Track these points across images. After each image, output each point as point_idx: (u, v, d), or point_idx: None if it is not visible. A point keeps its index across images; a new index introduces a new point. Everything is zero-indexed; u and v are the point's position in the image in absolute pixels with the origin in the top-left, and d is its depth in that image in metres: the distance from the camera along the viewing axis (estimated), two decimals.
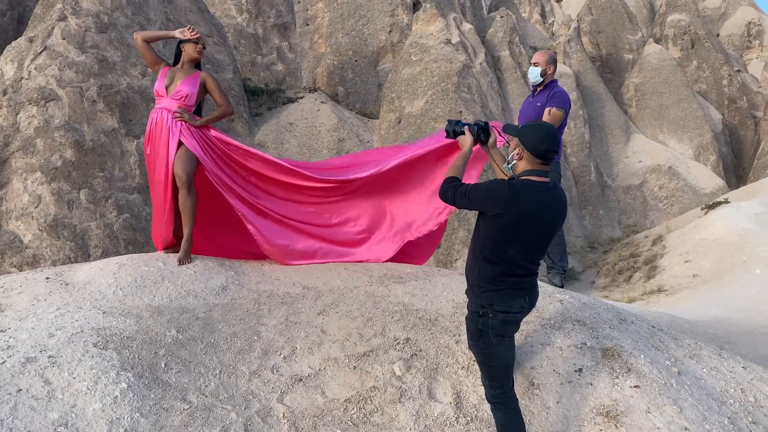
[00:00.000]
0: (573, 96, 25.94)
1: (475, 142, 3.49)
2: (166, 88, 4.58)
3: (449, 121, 3.61)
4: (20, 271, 14.26)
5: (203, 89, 4.71)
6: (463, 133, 3.50)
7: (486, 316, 3.03)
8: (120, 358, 3.37)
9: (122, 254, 15.03)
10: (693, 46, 32.28)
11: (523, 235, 2.96)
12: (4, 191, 14.84)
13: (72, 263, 14.48)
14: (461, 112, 20.39)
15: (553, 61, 5.07)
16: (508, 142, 3.34)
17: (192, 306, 4.06)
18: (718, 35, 38.12)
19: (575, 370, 3.69)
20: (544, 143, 2.93)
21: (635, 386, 3.60)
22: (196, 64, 4.78)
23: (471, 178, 4.41)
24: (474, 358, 3.62)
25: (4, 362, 3.22)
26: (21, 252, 14.41)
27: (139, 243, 15.36)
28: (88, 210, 14.99)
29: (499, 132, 3.56)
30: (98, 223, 15.01)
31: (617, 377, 3.67)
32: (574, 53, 28.53)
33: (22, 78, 15.48)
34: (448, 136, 3.61)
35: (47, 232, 14.48)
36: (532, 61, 5.05)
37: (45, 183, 14.75)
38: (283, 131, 20.40)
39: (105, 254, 14.80)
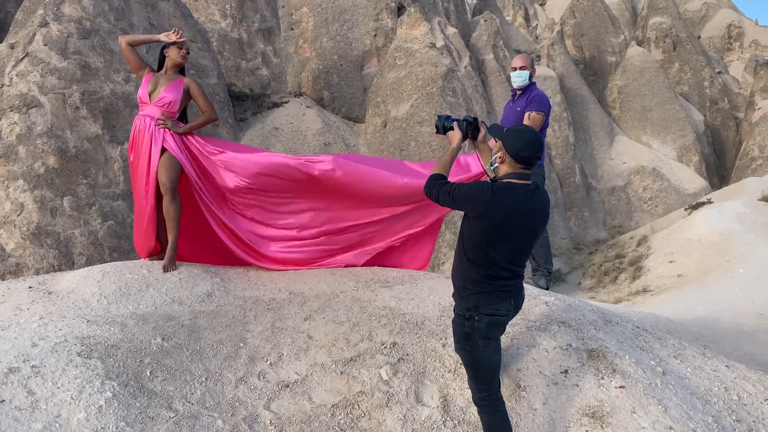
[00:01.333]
0: (557, 98, 26.14)
1: (464, 138, 3.51)
2: (150, 94, 4.56)
3: (439, 117, 3.63)
4: (3, 280, 14.09)
5: (187, 95, 4.69)
6: (452, 128, 3.51)
7: (472, 319, 3.04)
8: (105, 367, 3.35)
9: (107, 261, 14.90)
10: (675, 49, 32.65)
11: (505, 237, 2.98)
12: None
13: (56, 271, 14.32)
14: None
15: (534, 64, 5.16)
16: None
17: (177, 313, 4.03)
18: (699, 37, 38.60)
19: (561, 372, 3.71)
20: (526, 149, 2.96)
21: (620, 387, 3.63)
22: (180, 70, 4.76)
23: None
24: (461, 361, 3.64)
25: None
26: (3, 261, 14.23)
27: (124, 250, 15.23)
28: (71, 217, 14.85)
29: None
30: (82, 231, 14.88)
31: (602, 378, 3.69)
32: (558, 56, 28.75)
33: (3, 85, 15.32)
34: (438, 132, 3.62)
35: (30, 240, 14.32)
36: (517, 65, 5.08)
37: (28, 191, 14.59)
38: (269, 136, 20.35)
39: (89, 262, 14.66)
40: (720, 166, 30.83)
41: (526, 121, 4.86)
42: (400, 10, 24.59)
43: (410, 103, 20.89)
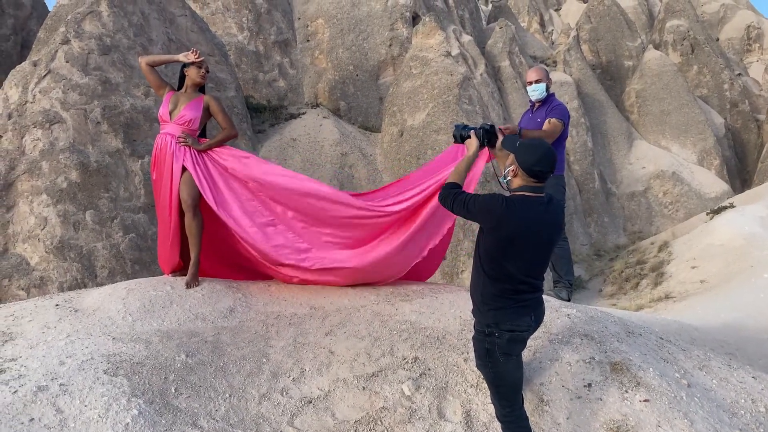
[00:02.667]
0: (574, 104, 26.01)
1: (482, 146, 3.51)
2: (170, 113, 4.63)
3: (456, 126, 3.65)
4: (27, 293, 14.32)
5: (207, 113, 4.76)
6: (469, 136, 3.52)
7: (492, 335, 3.03)
8: (130, 385, 3.39)
9: (129, 274, 15.08)
10: (693, 51, 32.34)
11: (520, 249, 2.98)
12: (10, 214, 14.93)
13: (79, 284, 14.54)
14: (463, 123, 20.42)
15: (549, 75, 5.15)
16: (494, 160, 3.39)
17: (201, 329, 4.08)
18: (717, 39, 38.21)
19: (584, 386, 3.69)
20: (538, 164, 2.96)
21: (645, 400, 3.60)
22: (200, 88, 4.83)
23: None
24: (483, 376, 3.63)
25: (16, 391, 3.23)
26: (28, 275, 14.46)
27: (146, 262, 15.41)
28: (94, 231, 15.06)
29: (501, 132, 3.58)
30: (104, 244, 15.08)
31: (626, 391, 3.66)
32: (574, 61, 28.63)
33: (26, 102, 15.62)
34: (456, 141, 3.64)
35: (54, 254, 14.54)
36: (533, 79, 5.06)
37: (51, 205, 14.83)
38: (287, 147, 20.49)
39: (111, 275, 14.85)
40: (741, 169, 30.42)
41: (546, 126, 4.84)
42: (414, 19, 24.68)
43: (426, 111, 20.92)
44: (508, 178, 3.08)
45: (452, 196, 3.14)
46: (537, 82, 5.03)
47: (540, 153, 2.97)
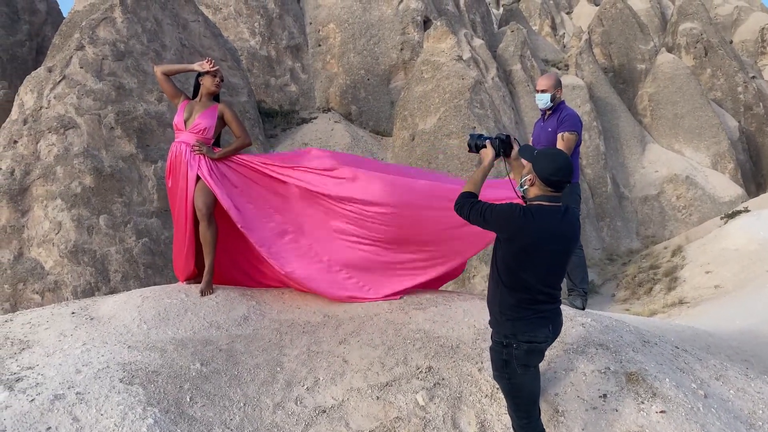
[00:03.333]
0: (586, 107, 25.91)
1: (497, 156, 3.50)
2: (185, 121, 4.65)
3: (471, 135, 3.61)
4: (42, 297, 14.45)
5: (221, 121, 4.78)
6: (485, 146, 3.50)
7: (510, 346, 3.02)
8: (146, 393, 3.41)
9: (142, 278, 15.17)
10: (706, 54, 32.12)
11: (537, 259, 2.97)
12: (25, 219, 15.08)
13: (93, 288, 14.65)
14: (474, 127, 20.42)
15: (559, 84, 5.08)
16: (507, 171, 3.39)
17: (215, 338, 4.09)
18: (731, 42, 37.91)
19: (600, 396, 3.66)
20: (556, 174, 2.94)
21: (661, 411, 3.57)
22: (215, 96, 4.86)
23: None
24: (497, 386, 3.62)
25: (33, 400, 3.26)
26: (43, 279, 14.59)
27: (158, 266, 15.51)
28: (107, 235, 15.18)
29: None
30: (118, 248, 15.19)
31: (643, 402, 3.63)
32: (586, 65, 28.52)
33: (41, 107, 15.79)
34: (470, 150, 3.62)
35: (68, 258, 14.67)
36: (539, 87, 5.05)
37: (65, 210, 14.97)
38: None
39: (125, 279, 14.95)
40: (756, 173, 30.14)
41: (559, 143, 4.82)
42: (426, 23, 24.70)
43: (438, 116, 20.92)
44: (525, 187, 3.08)
45: (468, 205, 3.13)
46: (542, 91, 5.01)
47: (558, 163, 2.96)
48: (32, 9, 22.03)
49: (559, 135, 4.86)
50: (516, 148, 3.53)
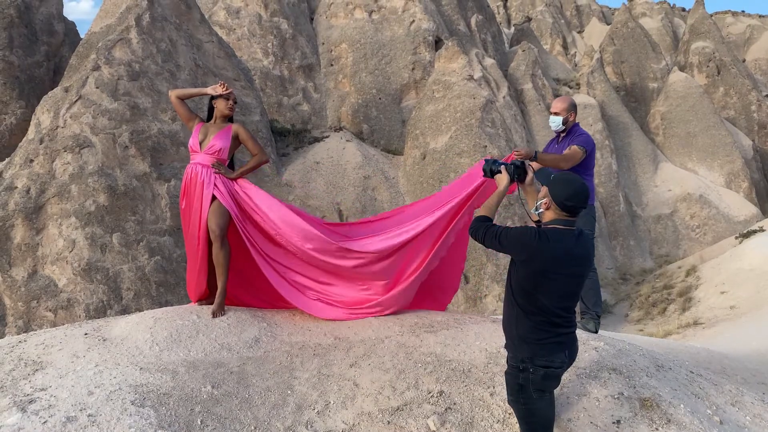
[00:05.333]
0: (598, 126, 25.88)
1: (511, 181, 3.51)
2: (200, 143, 4.70)
3: (486, 161, 3.64)
4: (55, 315, 14.54)
5: (236, 141, 4.82)
6: (500, 172, 3.52)
7: (526, 370, 3.00)
8: (157, 416, 3.41)
9: (153, 296, 15.24)
10: (719, 73, 32.06)
11: (552, 282, 2.96)
12: (40, 237, 15.24)
13: (105, 306, 14.73)
14: (486, 146, 20.46)
15: (573, 107, 5.09)
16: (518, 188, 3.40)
17: (226, 360, 4.09)
18: (744, 61, 37.83)
19: (613, 422, 3.62)
20: (572, 199, 2.95)
21: None
22: (229, 118, 4.91)
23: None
24: (509, 411, 3.59)
25: (45, 422, 3.27)
26: (56, 296, 14.70)
27: (170, 285, 15.58)
28: (120, 253, 15.29)
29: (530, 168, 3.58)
30: (130, 266, 15.28)
31: (657, 429, 3.58)
32: (598, 83, 28.54)
33: (57, 126, 16.02)
34: (485, 176, 3.64)
35: (81, 276, 14.78)
36: (553, 110, 5.08)
37: (79, 228, 15.11)
38: (310, 170, 20.66)
39: (137, 297, 15.02)
40: None
41: (565, 151, 4.82)
42: (437, 43, 24.88)
43: (449, 135, 20.98)
44: (541, 210, 3.08)
45: (483, 229, 3.13)
46: (555, 114, 5.04)
47: (574, 188, 2.97)
48: (50, 30, 22.45)
49: (569, 146, 4.86)
50: (530, 174, 3.55)
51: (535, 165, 4.57)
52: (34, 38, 21.45)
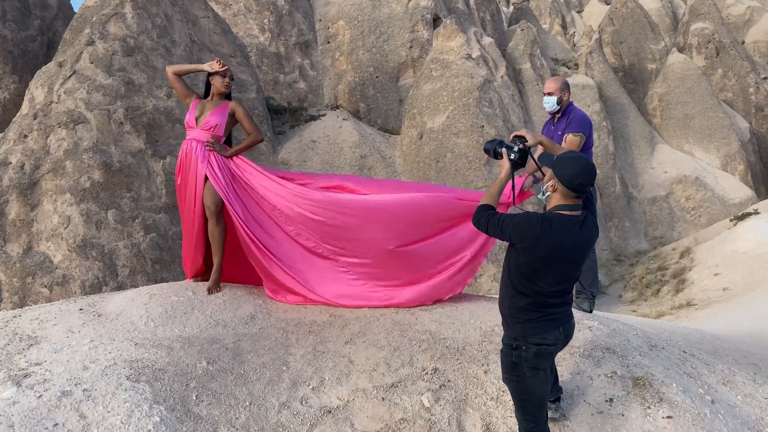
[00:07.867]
0: (596, 107, 25.78)
1: (514, 167, 3.45)
2: (197, 119, 4.67)
3: (490, 141, 3.50)
4: (50, 291, 14.54)
5: (232, 119, 4.78)
6: (502, 156, 3.43)
7: (519, 348, 3.01)
8: (152, 391, 3.42)
9: (149, 273, 15.23)
10: (718, 55, 31.89)
11: (552, 268, 2.95)
12: (34, 213, 15.17)
13: (100, 283, 14.73)
14: (483, 126, 20.37)
15: (567, 86, 5.05)
16: (530, 183, 3.34)
17: (221, 336, 4.10)
18: (743, 42, 37.62)
19: (606, 401, 3.65)
20: (579, 177, 2.90)
21: (668, 417, 3.55)
22: (226, 95, 4.86)
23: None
24: (503, 389, 3.61)
25: (40, 396, 3.28)
26: (51, 273, 14.68)
27: (166, 262, 15.57)
28: (115, 230, 15.25)
29: (535, 161, 3.46)
30: (126, 243, 15.25)
31: (649, 407, 3.62)
32: (596, 64, 28.37)
33: (51, 102, 15.86)
34: (489, 155, 3.55)
35: (76, 252, 14.75)
36: (546, 90, 5.04)
37: (74, 204, 15.05)
38: (306, 149, 20.56)
39: (132, 274, 15.02)
40: (767, 175, 29.92)
41: (563, 145, 4.80)
42: (435, 21, 24.63)
43: (446, 114, 20.87)
44: (548, 194, 3.04)
45: (486, 218, 3.10)
46: (549, 94, 5.00)
47: (580, 166, 2.92)
48: (44, 4, 22.13)
49: (564, 138, 4.85)
50: (530, 163, 3.46)
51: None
52: (26, 12, 21.15)
